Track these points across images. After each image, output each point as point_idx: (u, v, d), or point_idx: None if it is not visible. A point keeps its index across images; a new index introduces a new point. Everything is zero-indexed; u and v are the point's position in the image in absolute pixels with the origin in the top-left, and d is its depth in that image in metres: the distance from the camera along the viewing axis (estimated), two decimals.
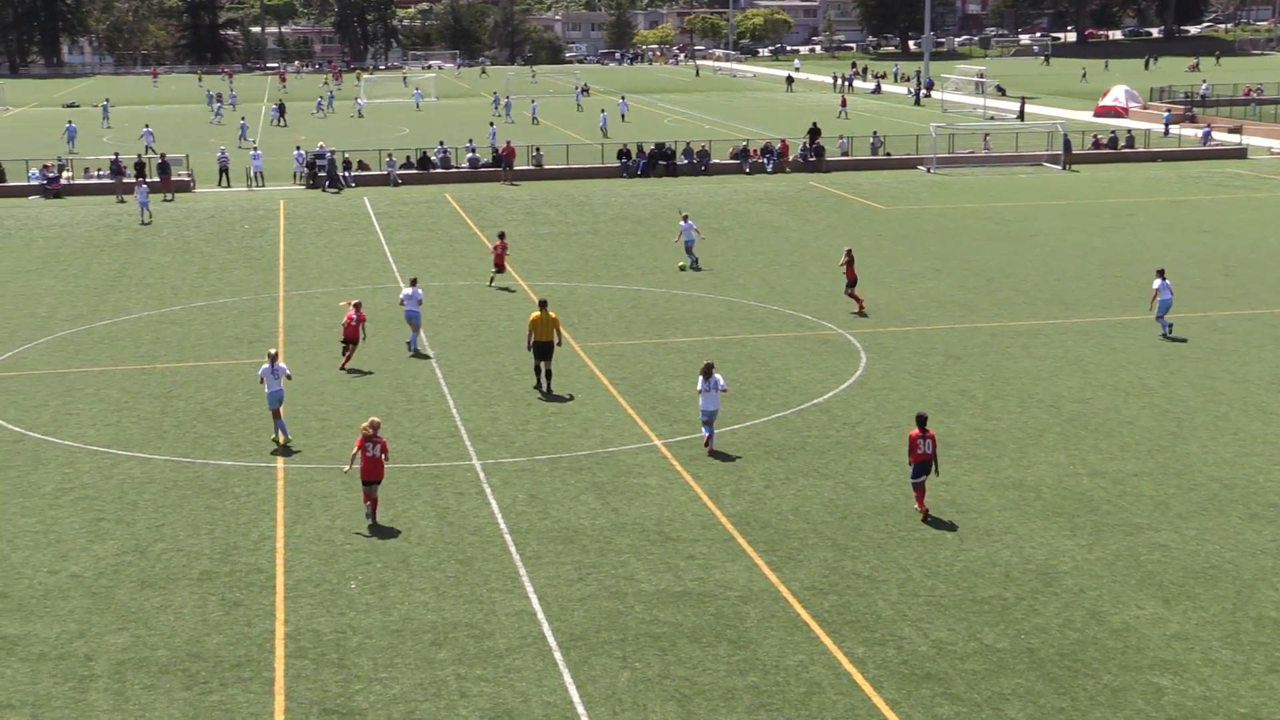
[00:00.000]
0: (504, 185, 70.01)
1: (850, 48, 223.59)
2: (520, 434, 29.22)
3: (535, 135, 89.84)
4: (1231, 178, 71.01)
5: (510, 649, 19.63)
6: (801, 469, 26.96)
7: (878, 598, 21.21)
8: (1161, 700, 18.08)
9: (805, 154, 75.55)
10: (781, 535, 23.68)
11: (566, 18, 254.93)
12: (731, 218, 58.40)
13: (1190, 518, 24.34)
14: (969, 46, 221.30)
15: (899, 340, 36.80)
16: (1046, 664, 19.10)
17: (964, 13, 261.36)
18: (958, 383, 32.83)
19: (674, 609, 20.84)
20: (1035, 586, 21.60)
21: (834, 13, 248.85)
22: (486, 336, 37.55)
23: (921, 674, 18.85)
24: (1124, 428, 29.41)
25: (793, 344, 36.40)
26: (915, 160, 76.81)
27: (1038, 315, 39.61)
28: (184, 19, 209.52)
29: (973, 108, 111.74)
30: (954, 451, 27.86)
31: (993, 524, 24.17)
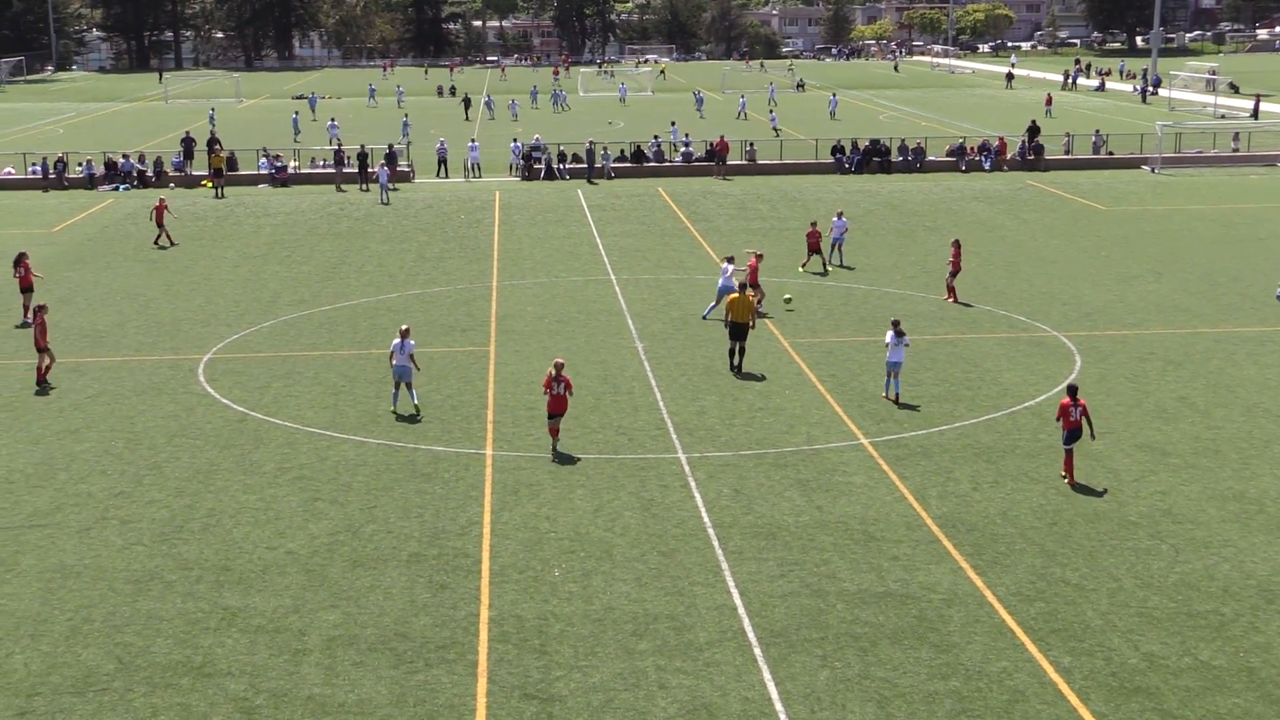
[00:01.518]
0: (717, 179, 70.10)
1: (1074, 44, 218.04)
2: (726, 428, 29.24)
3: (747, 130, 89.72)
4: None
5: (710, 643, 19.66)
6: (1010, 472, 26.43)
7: (1086, 607, 20.69)
8: None
9: (1024, 152, 73.99)
10: (988, 539, 23.26)
11: (783, 12, 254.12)
12: (946, 216, 57.52)
13: None
14: (1201, 42, 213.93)
15: (1116, 344, 35.80)
16: (1267, 684, 18.39)
17: (1196, 7, 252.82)
18: (1177, 389, 31.81)
19: (876, 609, 20.63)
20: (1256, 603, 20.81)
21: (1058, 7, 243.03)
22: (695, 330, 37.65)
23: (1131, 687, 18.33)
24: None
25: (1004, 345, 35.71)
26: (1139, 160, 74.60)
27: (1266, 322, 38.13)
28: (408, 13, 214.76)
29: (1203, 106, 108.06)
30: (1171, 460, 27.03)
31: (1211, 536, 23.36)
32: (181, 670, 19.07)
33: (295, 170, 71.57)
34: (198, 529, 24.11)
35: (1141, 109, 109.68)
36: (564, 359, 28.96)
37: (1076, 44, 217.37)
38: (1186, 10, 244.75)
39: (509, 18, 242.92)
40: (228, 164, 69.56)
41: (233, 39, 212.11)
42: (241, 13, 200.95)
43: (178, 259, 49.44)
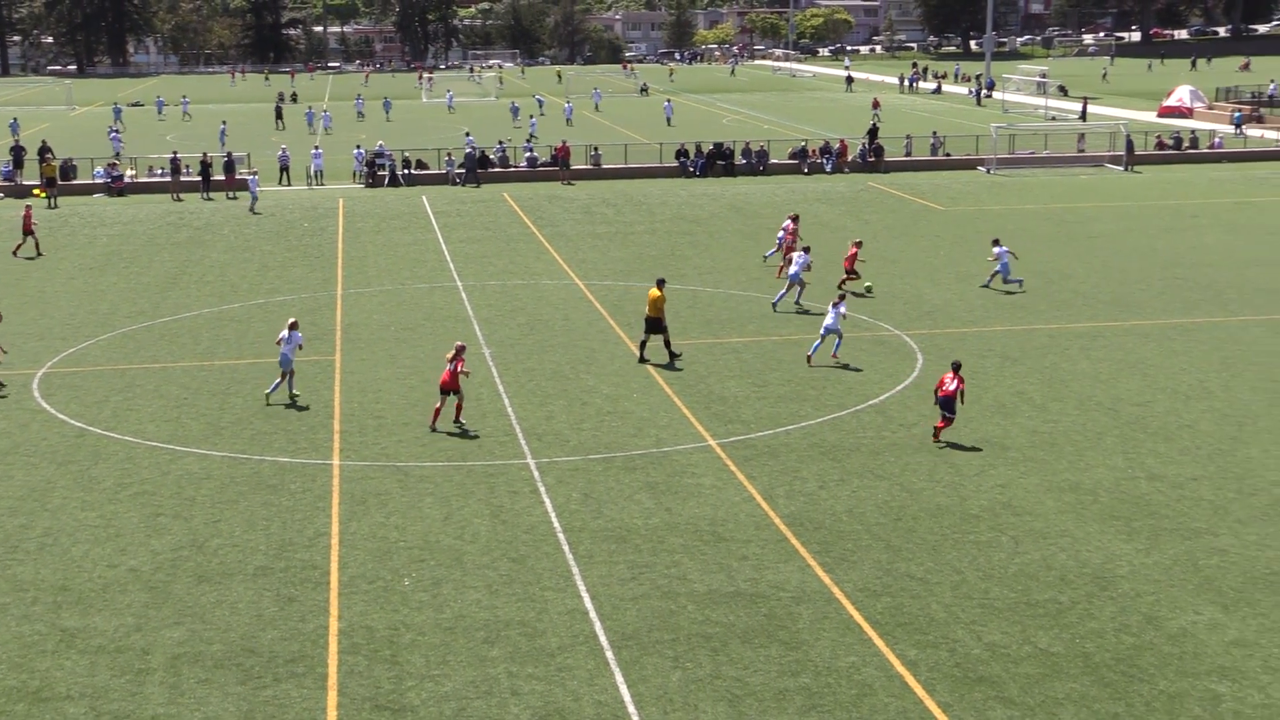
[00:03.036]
0: (561, 185, 70.17)
1: (911, 48, 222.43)
2: (575, 433, 29.28)
3: (594, 134, 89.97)
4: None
5: (562, 648, 19.67)
6: (856, 470, 26.86)
7: (931, 600, 21.10)
8: (1219, 708, 17.87)
9: (864, 154, 75.25)
10: (835, 536, 23.61)
11: (627, 17, 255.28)
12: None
13: (1250, 523, 24.05)
14: (1031, 46, 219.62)
15: (956, 341, 36.58)
16: (1102, 669, 18.93)
17: (1026, 12, 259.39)
18: (1015, 384, 32.61)
19: (726, 609, 20.81)
20: (1091, 590, 21.41)
21: (895, 12, 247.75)
22: (542, 335, 37.63)
23: (975, 677, 18.73)
24: (1184, 431, 29.11)
25: (849, 345, 36.23)
26: (975, 161, 76.35)
27: (1097, 317, 39.27)
28: (247, 18, 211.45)
29: (1034, 108, 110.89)
30: (1010, 454, 27.70)
31: (1049, 527, 23.98)
32: (17, 695, 18.54)
33: (133, 179, 70.02)
34: (33, 549, 23.46)
35: (976, 111, 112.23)
36: (464, 343, 30.29)
37: (914, 48, 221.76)
38: (1017, 15, 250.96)
39: (350, 23, 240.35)
40: (61, 173, 67.80)
41: (64, 45, 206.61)
42: (72, 17, 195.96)
43: (9, 271, 48.08)
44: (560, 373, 33.93)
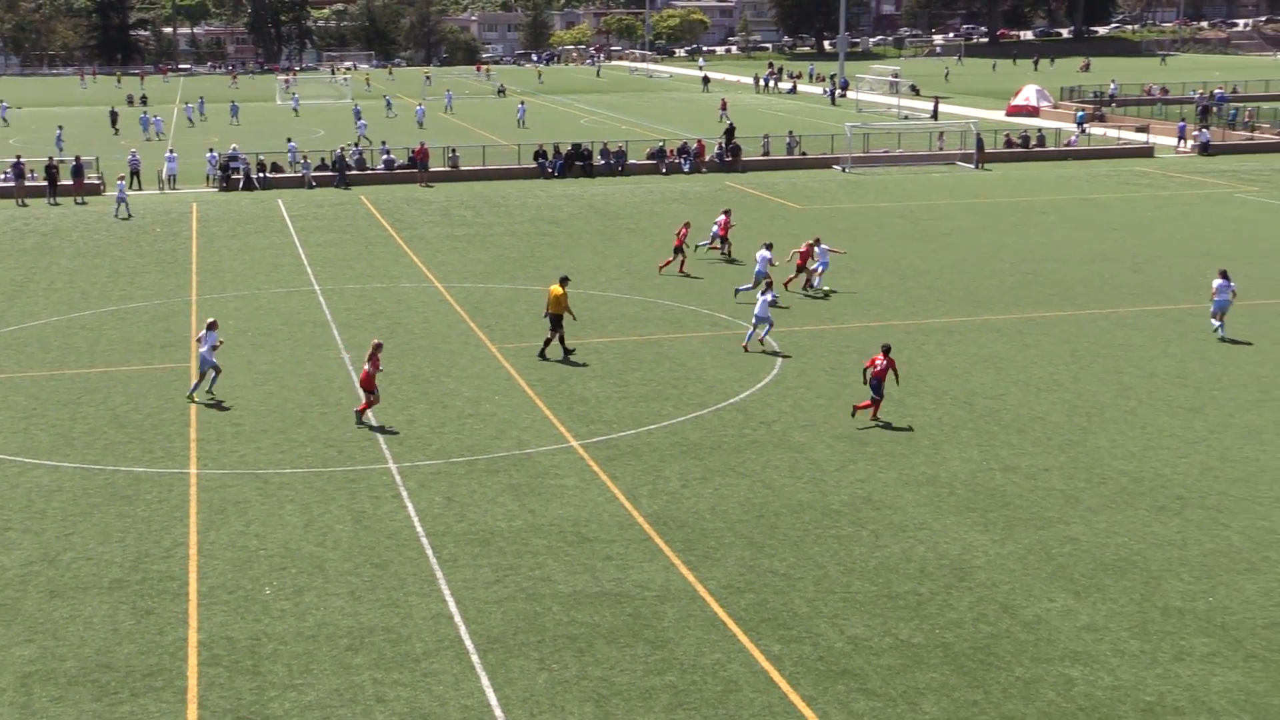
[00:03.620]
0: (419, 187, 69.67)
1: (766, 48, 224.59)
2: (437, 436, 29.10)
3: (451, 136, 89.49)
4: (1139, 176, 72.10)
5: (427, 653, 19.54)
6: (718, 468, 27.06)
7: (794, 595, 21.33)
8: (1072, 691, 18.33)
9: (721, 154, 75.82)
10: (698, 534, 23.76)
11: (483, 18, 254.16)
12: (648, 218, 58.51)
13: (1100, 511, 24.69)
14: (884, 47, 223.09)
15: (814, 339, 37.02)
16: (960, 658, 19.30)
17: (878, 13, 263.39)
18: None
19: (591, 610, 20.84)
20: (949, 581, 21.81)
21: (750, 13, 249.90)
22: (402, 338, 37.33)
23: (838, 670, 18.98)
24: (1036, 423, 29.78)
25: (709, 343, 36.52)
26: (831, 160, 77.33)
27: (951, 313, 40.01)
28: (93, 19, 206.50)
29: (887, 107, 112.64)
30: (869, 449, 28.11)
31: (908, 520, 24.38)
32: None
33: None
34: None
35: (831, 110, 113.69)
36: (380, 341, 30.81)
37: (769, 48, 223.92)
38: (869, 16, 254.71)
39: (200, 24, 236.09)
40: None
41: None
42: None
43: None
44: (421, 376, 33.70)
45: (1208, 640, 19.71)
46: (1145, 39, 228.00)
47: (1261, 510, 24.64)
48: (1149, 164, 77.58)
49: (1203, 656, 19.23)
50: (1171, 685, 18.44)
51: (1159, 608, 20.76)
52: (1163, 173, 73.47)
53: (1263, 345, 35.99)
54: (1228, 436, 28.76)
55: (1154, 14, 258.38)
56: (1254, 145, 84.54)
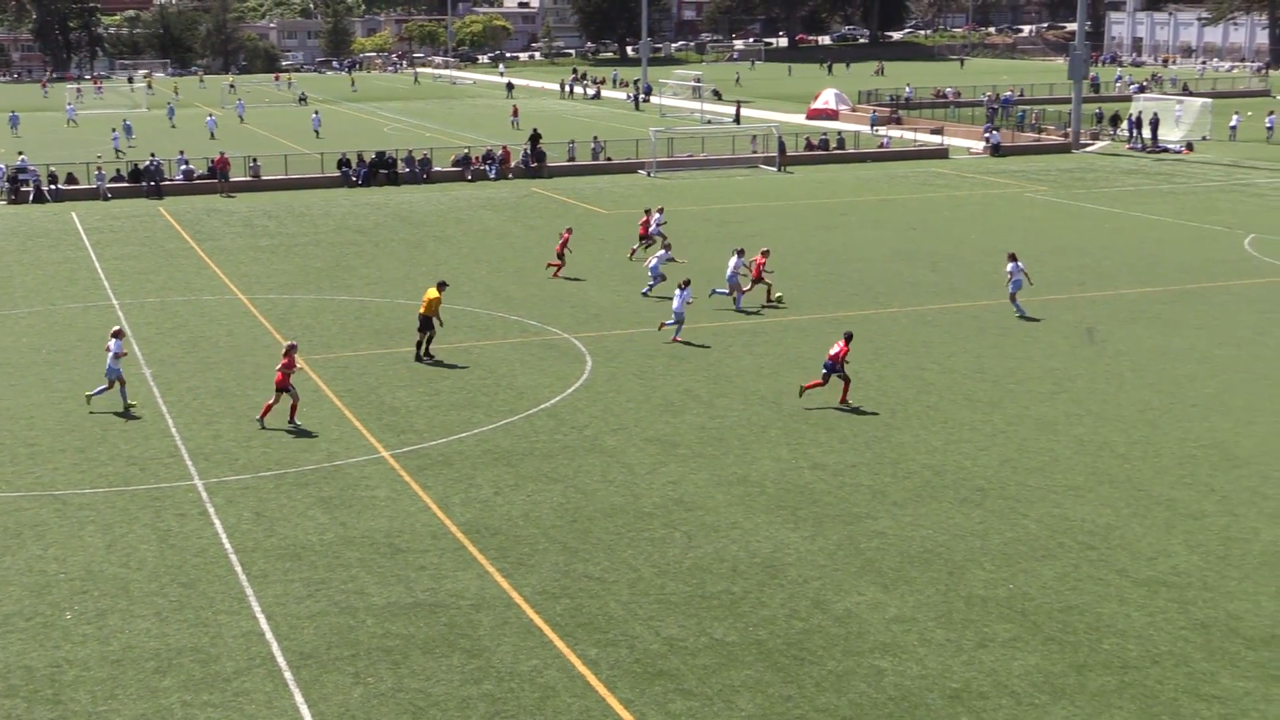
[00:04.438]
0: (220, 197, 68.25)
1: (570, 54, 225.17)
2: (244, 451, 28.55)
3: (252, 145, 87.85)
4: (935, 177, 74.08)
5: (238, 671, 19.16)
6: (530, 474, 27.05)
7: (609, 599, 21.43)
8: (882, 681, 18.75)
9: (527, 160, 75.80)
10: (512, 541, 23.72)
11: (282, 25, 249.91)
12: (455, 225, 58.22)
13: (905, 505, 25.31)
14: (686, 52, 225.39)
15: (624, 342, 37.24)
16: (774, 654, 19.60)
17: (680, 18, 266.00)
18: (682, 382, 33.40)
19: (406, 621, 20.66)
20: (762, 579, 22.13)
21: (552, 19, 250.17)
22: (206, 352, 36.54)
23: (654, 671, 19.12)
24: (842, 421, 30.38)
25: (518, 350, 36.49)
26: (636, 164, 77.86)
27: (757, 314, 40.56)
28: None
29: (690, 112, 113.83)
30: (680, 451, 28.38)
31: (720, 520, 24.67)
32: None
33: None
34: None
35: (635, 115, 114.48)
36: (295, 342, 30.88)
37: (572, 54, 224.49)
38: (671, 21, 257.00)
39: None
40: None
41: None
42: None
43: None
44: (226, 390, 33.02)
45: (1009, 626, 20.34)
46: (937, 44, 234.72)
47: (1056, 499, 25.53)
48: (944, 165, 79.75)
49: (1004, 642, 19.85)
50: (976, 671, 19.00)
51: (963, 597, 21.36)
52: (957, 173, 75.60)
53: (1054, 339, 37.26)
54: (1024, 429, 29.72)
55: (945, 20, 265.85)
56: (1041, 146, 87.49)
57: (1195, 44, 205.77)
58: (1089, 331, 38.09)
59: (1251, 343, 36.79)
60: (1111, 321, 39.37)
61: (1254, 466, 27.19)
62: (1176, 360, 35.12)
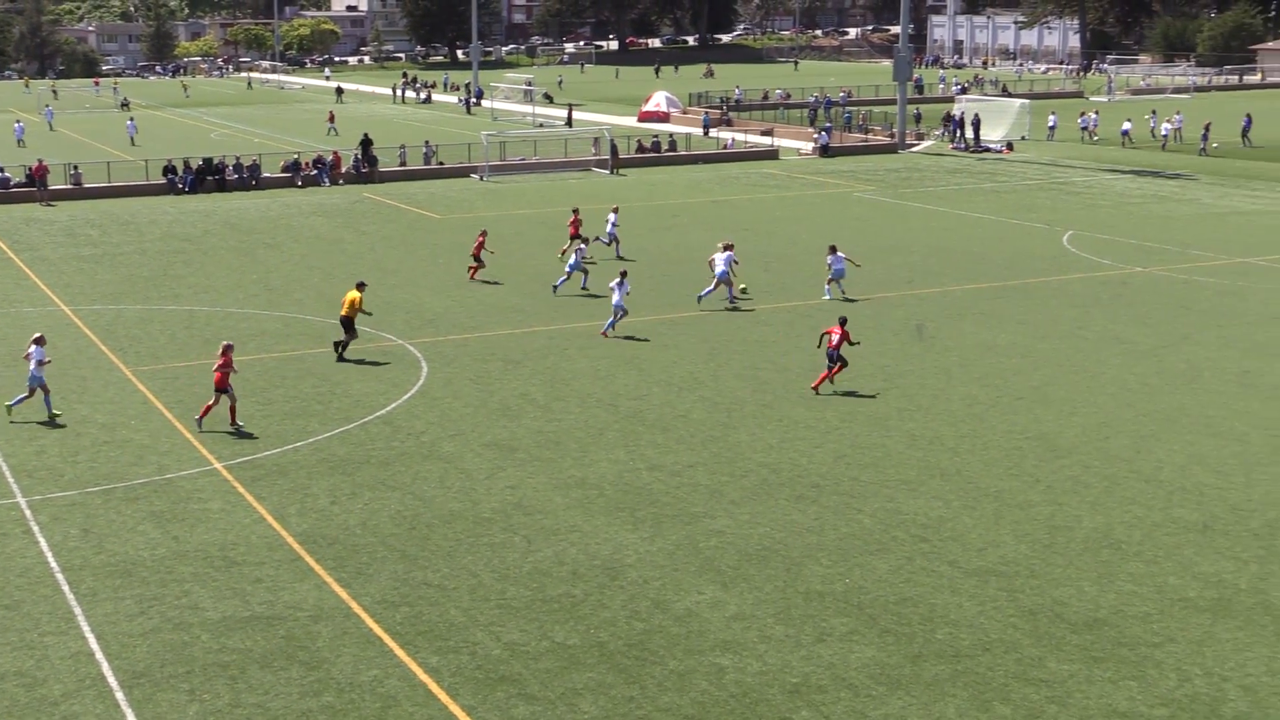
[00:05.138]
0: (40, 206, 66.30)
1: (400, 58, 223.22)
2: (70, 466, 27.79)
3: (71, 152, 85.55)
4: (766, 178, 75.02)
5: (67, 694, 18.64)
6: (367, 482, 26.78)
7: (450, 606, 21.32)
8: (723, 679, 18.94)
9: (358, 165, 75.01)
10: (350, 551, 23.46)
11: (101, 29, 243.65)
12: (285, 232, 57.37)
13: (742, 503, 25.59)
14: (517, 55, 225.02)
15: (459, 348, 37.06)
16: (616, 655, 19.67)
17: (510, 22, 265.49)
18: (519, 387, 33.36)
19: (242, 635, 20.30)
20: (602, 581, 22.20)
21: (381, 23, 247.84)
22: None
23: (496, 677, 19.06)
24: (679, 421, 30.61)
25: (353, 357, 36.05)
26: (468, 169, 77.52)
27: (592, 317, 40.67)
28: None
29: (522, 115, 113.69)
30: (518, 455, 28.34)
31: (559, 523, 24.69)
32: None
33: None
34: None
35: (467, 119, 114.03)
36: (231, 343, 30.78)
37: (402, 58, 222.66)
38: (501, 25, 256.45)
39: None
40: None
41: None
42: None
43: None
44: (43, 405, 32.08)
45: (846, 620, 20.69)
46: (766, 46, 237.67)
47: (889, 493, 26.04)
48: (775, 166, 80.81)
49: (842, 636, 20.19)
50: (815, 665, 19.29)
51: (801, 592, 21.67)
52: (787, 174, 76.66)
53: (884, 336, 37.99)
54: (857, 425, 30.25)
55: (772, 23, 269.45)
56: (869, 147, 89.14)
57: (1013, 46, 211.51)
58: (918, 328, 38.94)
59: (1071, 336, 37.94)
60: (939, 318, 40.29)
61: (1076, 456, 28.05)
62: (1001, 354, 36.07)
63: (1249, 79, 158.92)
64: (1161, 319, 39.88)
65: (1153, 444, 28.79)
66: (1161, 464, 27.53)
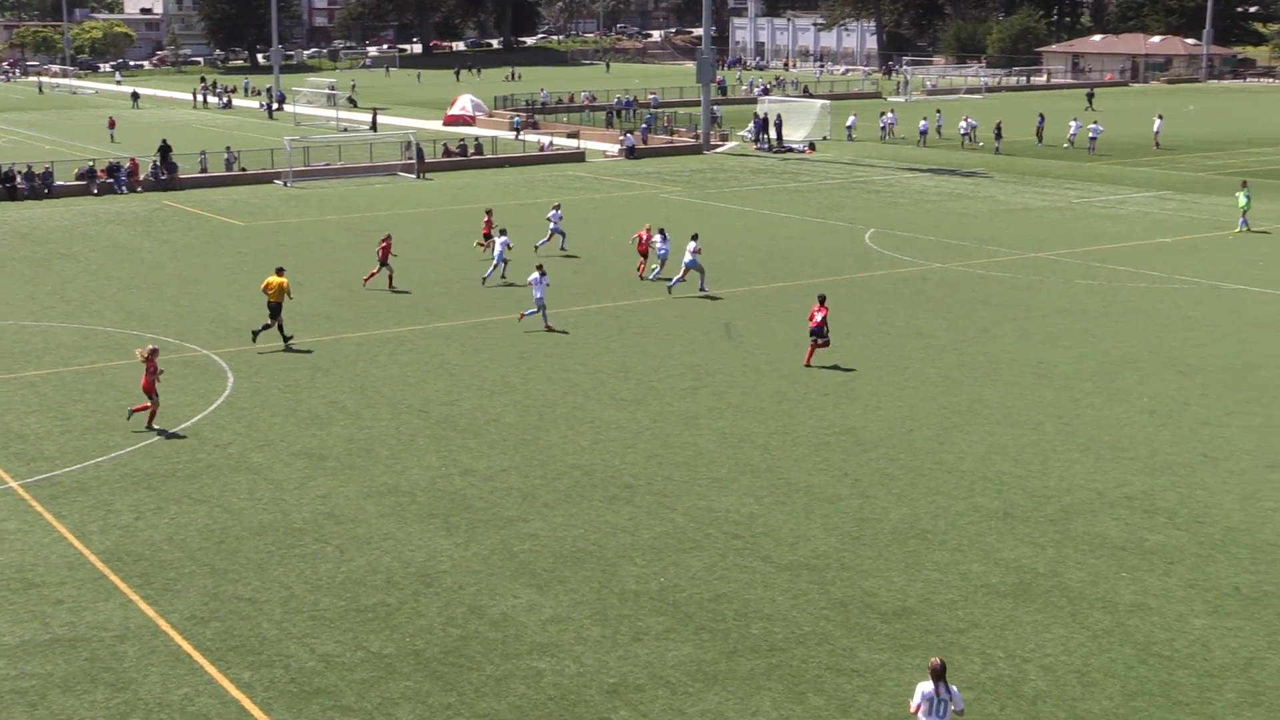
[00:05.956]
0: None
1: (198, 62, 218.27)
2: None
3: None
4: (573, 180, 75.20)
5: None
6: (174, 496, 26.15)
7: (262, 619, 20.93)
8: (541, 682, 18.94)
9: (157, 172, 73.16)
10: (157, 567, 22.88)
11: None
12: (82, 241, 55.70)
13: (556, 505, 25.61)
14: (319, 59, 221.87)
15: (266, 357, 36.41)
16: (432, 663, 19.53)
17: (311, 25, 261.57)
18: (328, 394, 32.90)
19: (42, 659, 19.66)
20: (417, 589, 22.03)
21: (178, 26, 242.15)
22: None
23: (311, 690, 18.78)
24: (491, 425, 30.52)
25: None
26: (272, 175, 76.19)
27: (402, 322, 40.35)
28: None
29: (326, 120, 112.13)
30: (329, 464, 27.96)
31: (372, 532, 24.42)
32: None
33: None
34: None
35: (269, 124, 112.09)
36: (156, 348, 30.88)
37: (200, 62, 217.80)
38: (303, 29, 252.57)
39: None
40: None
41: None
42: None
43: None
44: None
45: (662, 619, 20.86)
46: (570, 49, 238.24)
47: (701, 491, 26.32)
48: (582, 168, 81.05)
49: (658, 634, 20.35)
50: (632, 665, 19.41)
51: (616, 593, 21.78)
52: (594, 176, 76.94)
53: (694, 336, 38.38)
54: (668, 424, 30.51)
55: (576, 25, 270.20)
56: (674, 148, 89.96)
57: (813, 48, 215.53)
58: (727, 327, 39.43)
59: (875, 332, 38.80)
60: (747, 316, 40.85)
61: (882, 450, 28.70)
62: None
63: (1036, 80, 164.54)
64: (961, 313, 41.03)
65: (955, 435, 29.60)
66: (963, 454, 28.33)
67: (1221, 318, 40.43)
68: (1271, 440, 29.16)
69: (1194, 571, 22.53)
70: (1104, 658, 19.63)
